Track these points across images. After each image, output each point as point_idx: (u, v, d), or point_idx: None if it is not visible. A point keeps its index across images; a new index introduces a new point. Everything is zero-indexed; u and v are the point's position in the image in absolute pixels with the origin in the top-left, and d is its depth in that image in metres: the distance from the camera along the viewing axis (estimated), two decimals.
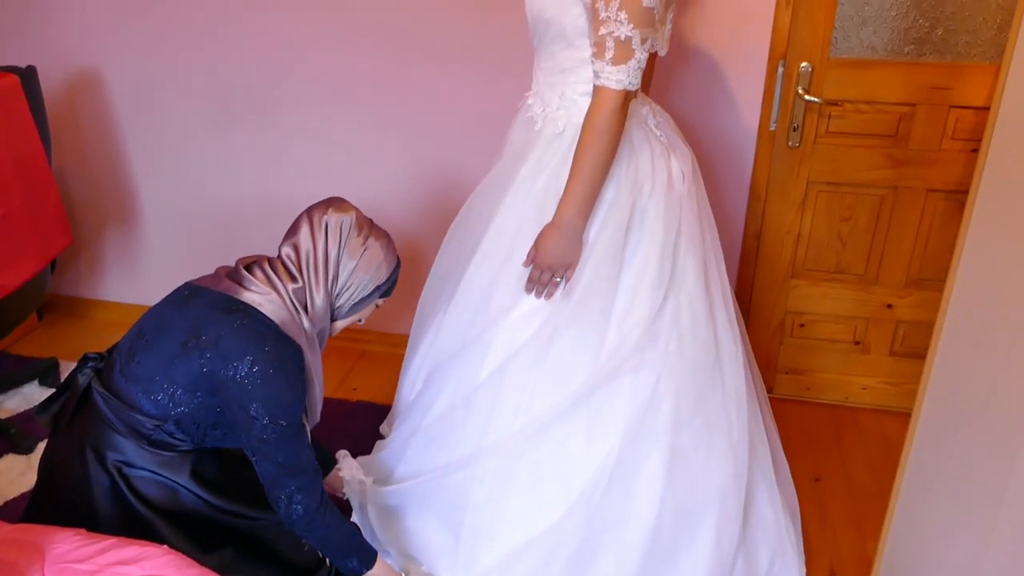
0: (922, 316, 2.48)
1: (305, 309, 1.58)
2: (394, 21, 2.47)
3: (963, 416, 1.61)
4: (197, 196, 2.85)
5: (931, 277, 2.45)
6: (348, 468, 1.94)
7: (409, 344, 2.12)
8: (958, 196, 2.32)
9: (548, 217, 1.64)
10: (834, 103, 2.29)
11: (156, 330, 1.55)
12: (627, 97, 1.53)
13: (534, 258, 1.64)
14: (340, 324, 1.68)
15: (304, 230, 1.59)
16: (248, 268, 1.60)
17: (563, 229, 1.60)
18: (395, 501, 1.88)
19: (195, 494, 1.59)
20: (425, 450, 1.85)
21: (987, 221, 1.69)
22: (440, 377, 1.85)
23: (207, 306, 1.53)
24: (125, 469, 1.54)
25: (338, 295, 1.61)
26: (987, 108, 2.17)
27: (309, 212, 1.62)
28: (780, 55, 2.26)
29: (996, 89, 1.63)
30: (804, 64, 2.26)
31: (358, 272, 1.60)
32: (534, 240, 1.65)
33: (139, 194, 2.91)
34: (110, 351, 1.65)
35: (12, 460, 2.31)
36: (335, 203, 1.62)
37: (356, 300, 1.63)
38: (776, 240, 2.48)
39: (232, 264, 1.64)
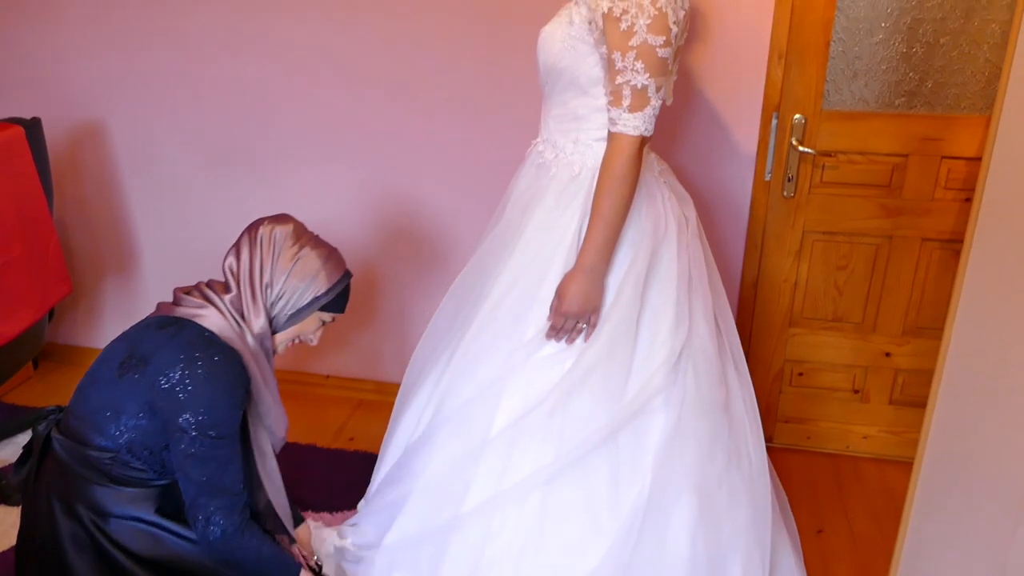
0: (921, 364, 2.48)
1: (244, 318, 1.58)
2: (390, 72, 2.51)
3: (965, 466, 1.60)
4: (195, 243, 2.86)
5: (928, 325, 2.45)
6: (321, 540, 1.86)
7: (399, 399, 2.02)
8: (953, 245, 2.34)
9: (571, 262, 1.65)
10: (828, 154, 2.32)
11: (98, 362, 1.58)
12: (643, 143, 1.58)
13: (558, 306, 1.63)
14: (281, 337, 1.66)
15: (243, 241, 1.63)
16: (186, 292, 1.64)
17: (587, 274, 1.61)
18: (387, 570, 1.77)
19: (177, 534, 1.56)
20: (426, 507, 1.74)
21: (983, 270, 1.70)
22: (443, 431, 1.75)
23: (142, 328, 1.57)
24: (100, 522, 1.52)
25: (273, 303, 1.61)
26: (978, 159, 2.21)
27: (250, 225, 1.65)
28: (774, 107, 2.31)
29: (987, 141, 1.66)
30: (797, 116, 2.30)
31: (292, 280, 1.60)
32: (556, 288, 1.64)
33: (138, 242, 2.93)
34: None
35: (3, 512, 2.28)
36: (276, 216, 1.66)
37: (292, 310, 1.62)
38: (773, 289, 2.49)
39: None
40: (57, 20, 2.70)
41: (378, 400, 2.87)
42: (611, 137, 1.58)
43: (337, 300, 1.69)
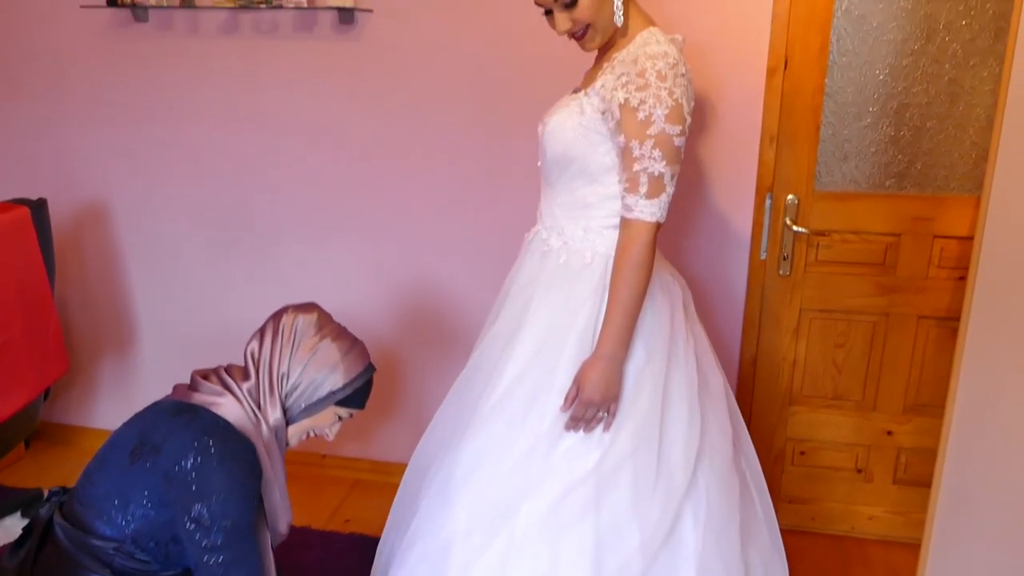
0: (923, 443, 2.46)
1: (260, 408, 1.55)
2: (395, 151, 2.56)
3: (973, 549, 1.57)
4: (195, 325, 2.86)
5: (929, 403, 2.44)
6: None
7: (402, 493, 1.95)
8: (949, 323, 2.35)
9: (585, 350, 1.63)
10: (821, 233, 2.35)
11: (107, 447, 1.53)
12: (658, 229, 1.60)
13: (577, 396, 1.60)
14: (294, 430, 1.62)
15: (267, 328, 1.60)
16: (204, 376, 1.60)
17: (607, 362, 1.59)
18: None
19: None
20: None
21: (981, 350, 1.72)
22: (460, 536, 1.62)
23: (156, 413, 1.52)
24: None
25: (288, 394, 1.58)
26: (970, 238, 2.24)
27: (276, 312, 1.64)
28: (767, 188, 2.35)
29: (978, 222, 1.69)
30: (790, 196, 2.34)
31: (308, 371, 1.57)
32: (574, 377, 1.62)
33: (138, 320, 2.93)
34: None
35: None
36: (302, 305, 1.64)
37: (308, 402, 1.58)
38: (772, 366, 2.48)
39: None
40: (62, 102, 2.77)
41: (375, 480, 2.82)
42: (627, 223, 1.59)
43: (355, 395, 1.64)
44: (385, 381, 2.76)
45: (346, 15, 2.48)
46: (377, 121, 2.56)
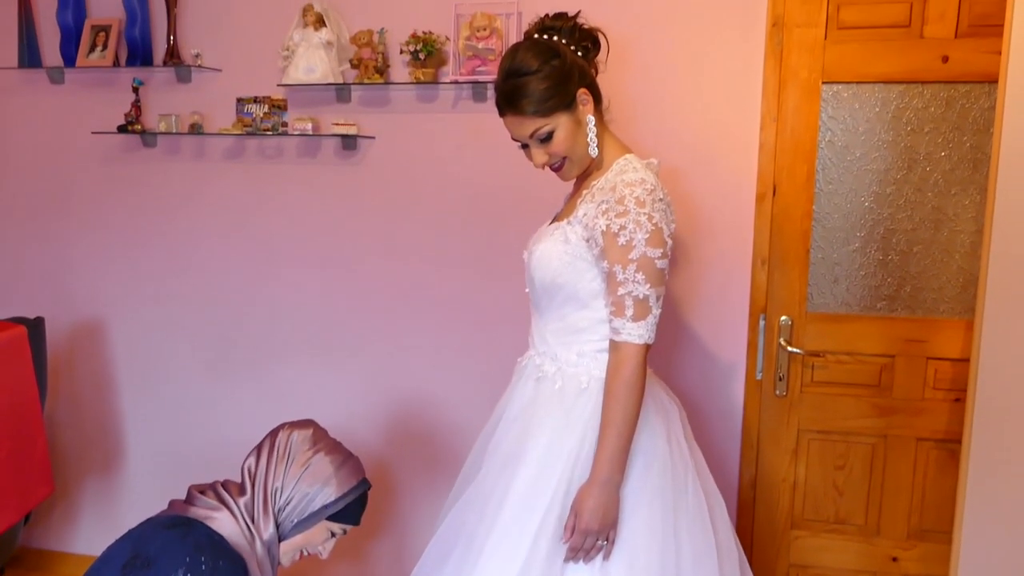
0: (929, 570, 2.39)
1: (255, 523, 1.56)
2: (389, 273, 2.59)
3: None
4: (184, 447, 2.82)
5: (933, 528, 2.39)
6: None
7: None
8: (948, 445, 2.33)
9: (579, 476, 1.61)
10: (816, 354, 2.36)
11: (99, 562, 1.50)
12: (647, 350, 1.59)
13: (575, 525, 1.57)
14: (286, 547, 1.60)
15: (264, 444, 1.62)
16: (201, 490, 1.61)
17: (603, 487, 1.57)
18: None
19: None
20: None
21: (984, 475, 1.70)
22: None
23: (151, 526, 1.51)
24: None
25: (280, 509, 1.57)
26: (963, 360, 2.24)
27: (273, 429, 1.65)
28: (761, 310, 2.37)
29: (973, 346, 1.71)
30: (784, 318, 2.36)
31: (301, 485, 1.57)
32: (571, 506, 1.60)
33: (127, 441, 2.88)
34: None
35: None
36: (299, 421, 1.66)
37: (300, 517, 1.58)
38: (772, 488, 2.44)
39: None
40: (66, 221, 2.82)
41: None
42: (616, 346, 1.59)
43: (348, 510, 1.63)
44: (376, 499, 2.68)
45: (349, 142, 2.57)
46: (374, 243, 2.60)
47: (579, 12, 1.70)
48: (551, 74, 1.59)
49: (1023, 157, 1.66)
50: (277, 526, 1.58)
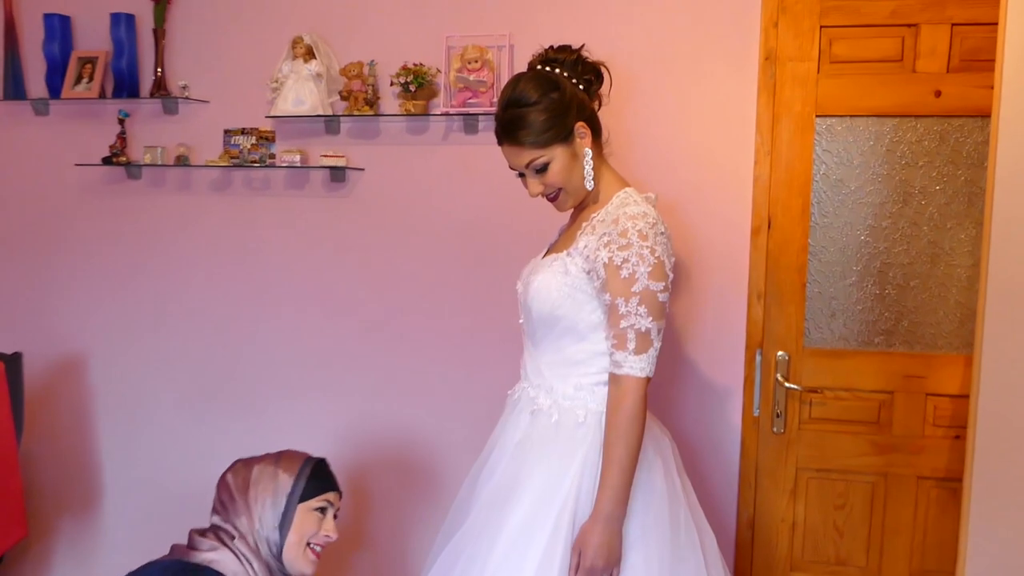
0: None
1: (256, 553, 1.61)
2: (375, 314, 2.56)
3: None
4: (165, 486, 2.75)
5: (935, 568, 2.33)
6: None
7: None
8: (949, 484, 2.29)
9: (581, 512, 1.59)
10: (814, 390, 2.33)
11: None
12: (648, 384, 1.59)
13: (580, 564, 1.56)
14: (291, 553, 1.64)
15: (215, 503, 1.70)
16: (201, 533, 1.65)
17: (606, 523, 1.56)
18: None
19: None
20: None
21: (987, 515, 1.66)
22: None
23: (158, 571, 1.54)
24: None
25: (259, 530, 1.63)
26: (963, 396, 2.21)
27: (217, 484, 1.72)
28: (757, 344, 2.34)
29: (972, 383, 1.67)
30: (781, 353, 2.33)
31: (260, 498, 1.64)
32: (573, 544, 1.58)
33: (105, 482, 2.80)
34: None
35: None
36: (228, 467, 1.73)
37: (279, 522, 1.63)
38: (770, 529, 2.39)
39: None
40: (47, 254, 2.78)
41: None
42: (617, 380, 1.58)
43: (312, 484, 1.68)
44: (366, 534, 2.62)
45: (338, 174, 2.54)
46: (364, 276, 2.57)
47: (583, 45, 1.71)
48: (549, 106, 1.61)
49: (1018, 191, 1.64)
50: (269, 545, 1.63)
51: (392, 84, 2.42)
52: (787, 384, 2.31)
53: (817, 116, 2.26)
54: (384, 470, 2.61)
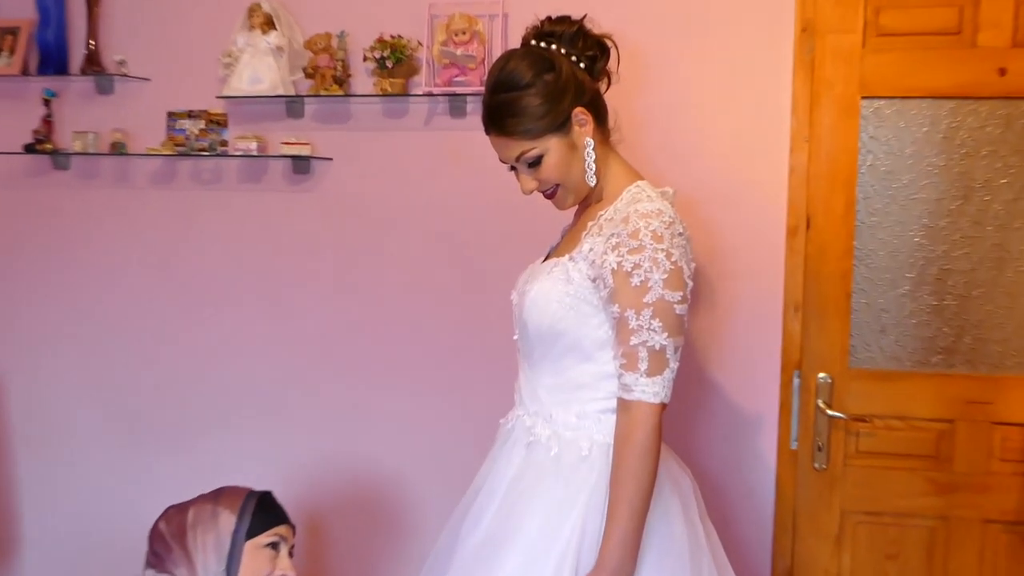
0: None
1: None
2: (343, 329, 2.42)
3: None
4: (93, 530, 2.59)
5: None
6: None
7: None
8: (1021, 528, 2.08)
9: (586, 561, 1.49)
10: (861, 419, 2.13)
11: None
12: (663, 411, 1.49)
13: None
14: None
15: (148, 557, 1.63)
16: None
17: None
18: None
19: None
20: None
21: None
22: None
23: None
24: None
25: (204, 570, 1.56)
26: None
27: (149, 538, 1.66)
28: (794, 365, 2.15)
29: None
30: (822, 375, 2.14)
31: (201, 539, 1.57)
32: None
33: (22, 527, 2.62)
34: None
35: None
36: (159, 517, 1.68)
37: (226, 563, 1.56)
38: None
39: None
40: None
41: None
42: (627, 406, 1.48)
43: (259, 519, 1.60)
44: None
45: (301, 164, 2.39)
46: (330, 285, 2.43)
47: (585, 16, 1.60)
48: (542, 90, 1.53)
49: None
50: None
51: (365, 59, 2.27)
52: (830, 412, 2.13)
53: (862, 97, 2.09)
54: (347, 515, 2.44)
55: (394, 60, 2.21)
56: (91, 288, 2.52)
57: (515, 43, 1.73)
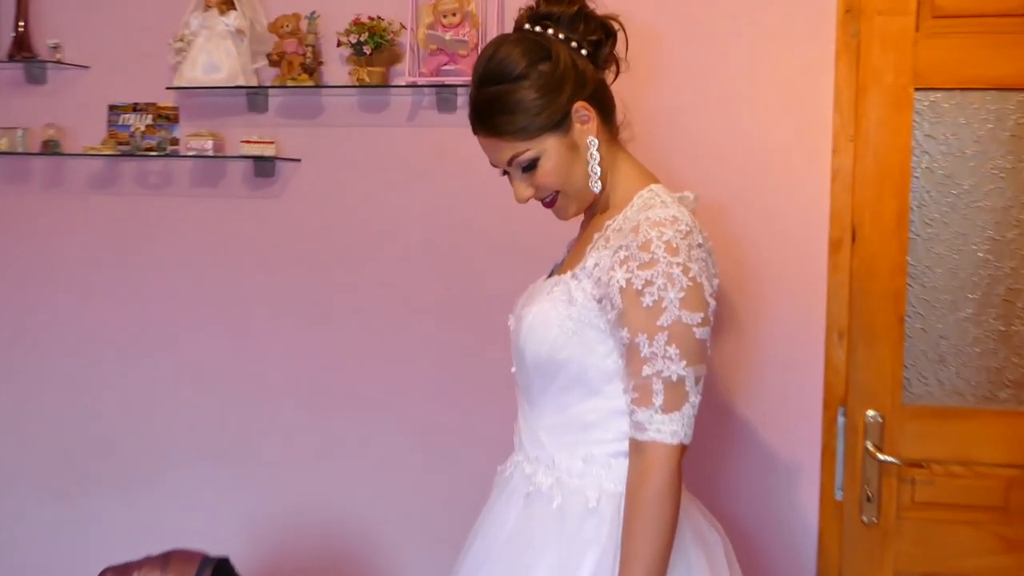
0: None
1: None
2: (310, 356, 2.31)
3: None
4: None
5: None
6: None
7: None
8: None
9: None
10: (917, 464, 2.00)
11: None
12: (683, 453, 1.41)
13: None
14: None
15: None
16: None
17: None
18: None
19: None
20: None
21: None
22: None
23: None
24: None
25: None
26: None
27: None
28: (839, 401, 2.01)
29: None
30: (871, 413, 2.00)
31: None
32: None
33: None
34: None
35: None
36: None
37: None
38: None
39: None
40: None
41: None
42: (640, 448, 1.39)
43: None
44: None
45: (264, 167, 2.28)
46: (296, 305, 2.33)
47: None
48: (537, 82, 1.46)
49: None
50: None
51: (340, 44, 2.17)
52: (880, 456, 2.00)
53: (916, 89, 1.97)
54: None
55: (373, 45, 2.12)
56: (17, 308, 2.43)
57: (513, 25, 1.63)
